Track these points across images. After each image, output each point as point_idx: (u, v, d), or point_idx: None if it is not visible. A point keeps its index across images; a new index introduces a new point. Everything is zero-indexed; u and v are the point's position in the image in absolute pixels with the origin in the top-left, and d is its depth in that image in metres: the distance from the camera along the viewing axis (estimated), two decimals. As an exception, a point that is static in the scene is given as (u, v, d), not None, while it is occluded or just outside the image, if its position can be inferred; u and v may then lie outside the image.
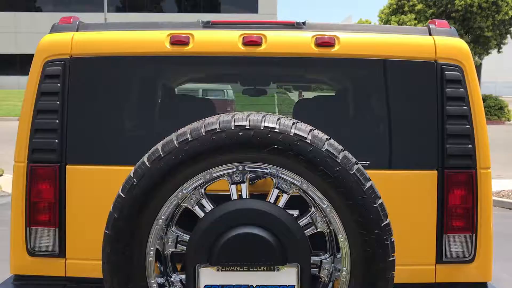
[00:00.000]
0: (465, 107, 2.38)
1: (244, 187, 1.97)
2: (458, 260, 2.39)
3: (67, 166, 2.39)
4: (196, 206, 1.96)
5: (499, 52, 22.49)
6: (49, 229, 2.39)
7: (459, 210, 2.38)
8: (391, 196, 2.04)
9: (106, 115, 2.47)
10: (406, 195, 2.38)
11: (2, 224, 3.53)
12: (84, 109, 2.43)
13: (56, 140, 2.37)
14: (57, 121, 2.38)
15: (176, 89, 3.50)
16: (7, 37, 34.67)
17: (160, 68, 2.54)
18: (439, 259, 2.38)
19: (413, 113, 2.43)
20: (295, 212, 1.98)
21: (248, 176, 1.97)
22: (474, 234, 2.38)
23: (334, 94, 3.36)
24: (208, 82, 4.76)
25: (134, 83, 2.54)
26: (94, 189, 2.38)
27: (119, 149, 2.47)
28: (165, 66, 2.52)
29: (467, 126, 2.37)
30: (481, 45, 21.47)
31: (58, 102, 2.38)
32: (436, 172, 2.37)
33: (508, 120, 23.21)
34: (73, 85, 2.40)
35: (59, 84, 2.39)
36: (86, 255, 2.36)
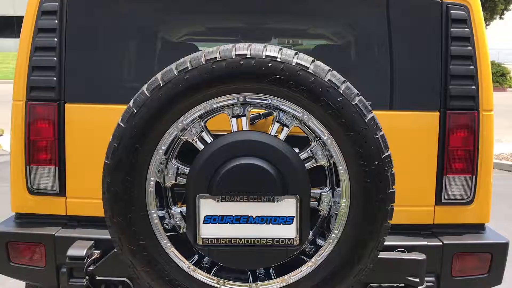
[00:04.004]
0: (470, 48, 2.34)
1: (244, 121, 1.95)
2: (457, 201, 2.40)
3: (66, 105, 2.37)
4: (197, 139, 1.94)
5: (501, 18, 22.17)
6: (49, 168, 2.39)
7: (460, 152, 2.37)
8: (392, 137, 2.03)
9: (105, 52, 2.43)
10: (407, 136, 2.37)
11: (3, 180, 3.54)
12: (83, 46, 2.39)
13: (55, 78, 2.34)
14: (55, 58, 2.34)
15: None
16: (5, -1, 34.09)
17: (159, 3, 2.49)
18: (438, 201, 2.39)
19: (417, 53, 2.40)
20: (296, 150, 1.96)
21: (248, 110, 1.95)
22: (474, 176, 2.38)
23: (336, 40, 3.32)
24: (207, 36, 4.68)
25: (133, 20, 2.49)
26: (93, 128, 2.36)
27: (118, 88, 2.45)
28: (164, 1, 2.47)
29: (471, 67, 2.34)
30: (487, 10, 21.12)
31: (55, 39, 2.34)
32: (438, 113, 2.36)
33: (510, 87, 23.06)
34: (70, 21, 2.35)
35: (56, 21, 2.34)
36: (86, 194, 2.37)
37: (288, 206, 1.89)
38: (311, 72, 1.81)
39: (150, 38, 2.63)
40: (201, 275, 2.00)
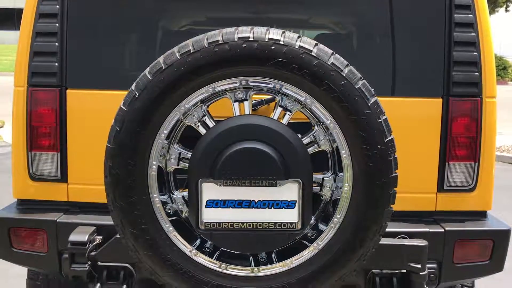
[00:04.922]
0: (473, 34, 2.33)
1: (247, 105, 1.94)
2: (460, 188, 2.39)
3: (68, 91, 2.36)
4: (199, 124, 1.94)
5: (506, 10, 22.09)
6: (51, 154, 2.39)
7: (462, 139, 2.36)
8: (394, 124, 2.02)
9: (106, 37, 2.42)
10: (410, 123, 2.36)
11: (3, 172, 3.54)
12: (84, 31, 2.38)
13: (56, 64, 2.34)
14: (56, 44, 2.33)
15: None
16: (5, -9, 34.00)
17: None
18: (440, 188, 2.38)
19: (420, 39, 2.38)
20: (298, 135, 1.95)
21: (251, 94, 1.94)
22: (476, 163, 2.37)
23: (337, 28, 3.30)
24: (208, 25, 4.66)
25: (135, 5, 2.48)
26: (95, 114, 2.36)
27: (120, 73, 2.44)
28: None
29: (474, 53, 2.33)
30: (488, 2, 21.09)
31: (57, 25, 2.33)
32: (441, 100, 2.35)
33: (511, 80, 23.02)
34: (72, 6, 2.34)
35: (57, 6, 2.33)
36: (88, 180, 2.37)
37: (290, 190, 1.89)
38: (314, 55, 1.80)
39: (151, 25, 2.62)
40: (203, 259, 2.00)
